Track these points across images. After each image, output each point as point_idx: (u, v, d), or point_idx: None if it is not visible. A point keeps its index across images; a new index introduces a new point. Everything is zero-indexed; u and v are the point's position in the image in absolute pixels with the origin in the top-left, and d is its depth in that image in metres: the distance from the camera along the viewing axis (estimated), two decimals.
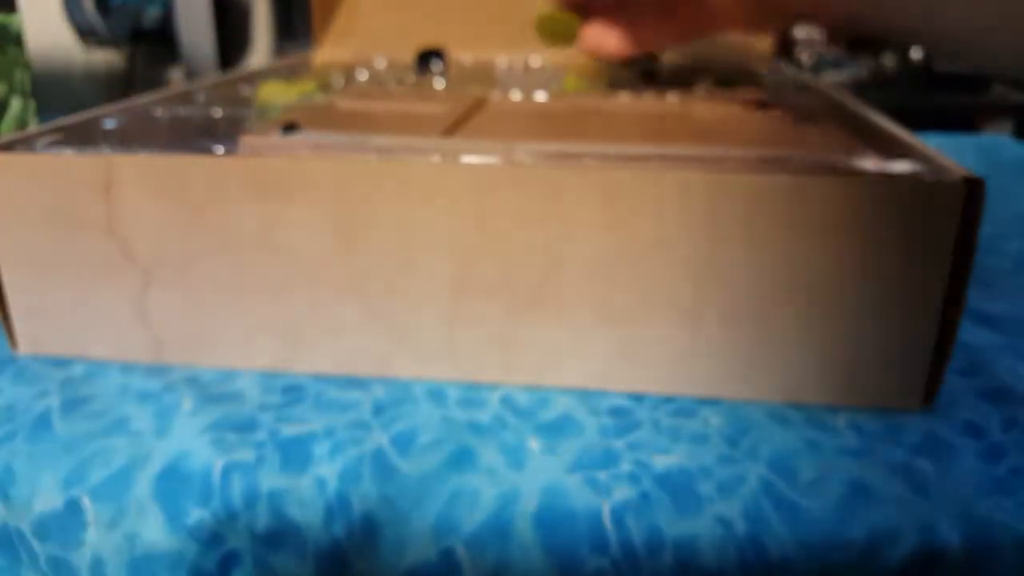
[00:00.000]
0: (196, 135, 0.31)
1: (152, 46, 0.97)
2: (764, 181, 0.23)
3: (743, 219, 0.23)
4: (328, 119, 0.34)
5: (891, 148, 0.27)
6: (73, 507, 0.23)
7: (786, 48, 1.11)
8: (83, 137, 0.30)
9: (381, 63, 0.53)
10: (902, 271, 0.23)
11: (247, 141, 0.28)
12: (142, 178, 0.25)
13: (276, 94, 0.40)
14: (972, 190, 0.22)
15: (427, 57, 0.54)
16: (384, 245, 0.25)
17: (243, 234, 0.25)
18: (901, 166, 0.24)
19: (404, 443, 0.23)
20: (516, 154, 0.26)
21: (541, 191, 0.24)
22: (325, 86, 0.44)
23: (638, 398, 0.26)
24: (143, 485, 0.23)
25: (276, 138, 0.28)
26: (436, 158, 0.25)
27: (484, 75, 0.50)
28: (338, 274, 0.25)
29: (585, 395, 0.26)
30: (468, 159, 0.25)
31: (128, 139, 0.31)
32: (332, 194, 0.24)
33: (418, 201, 0.24)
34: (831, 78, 1.10)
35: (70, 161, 0.26)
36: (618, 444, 0.23)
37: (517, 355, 0.26)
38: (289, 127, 0.29)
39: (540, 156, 0.25)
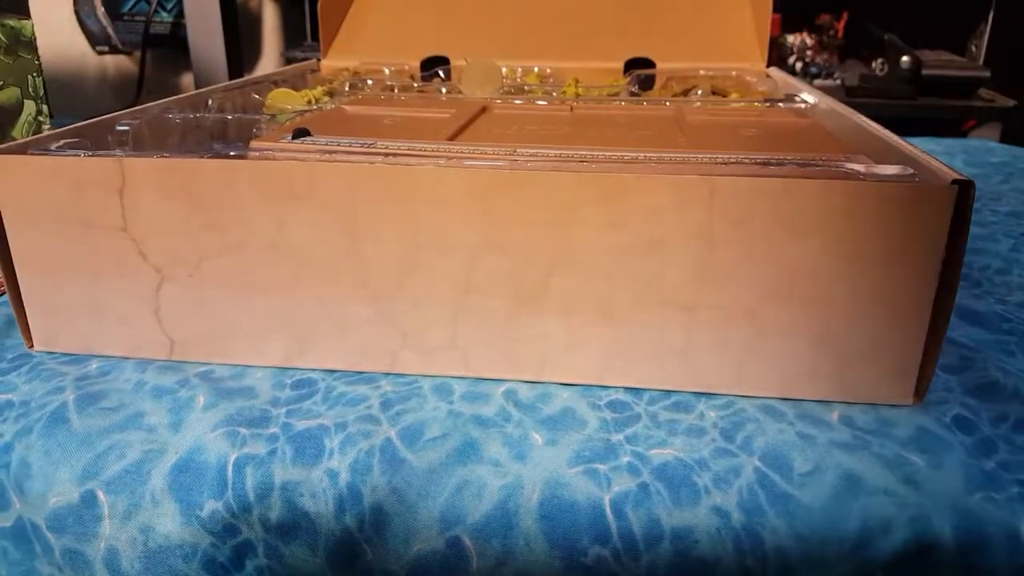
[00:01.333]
0: (208, 139, 0.32)
1: (163, 52, 0.98)
2: (759, 184, 0.23)
3: (739, 220, 0.24)
4: (337, 124, 0.34)
5: (882, 152, 0.28)
6: (88, 500, 0.23)
7: (778, 55, 1.12)
8: (97, 140, 0.31)
9: (386, 71, 0.54)
10: (894, 270, 0.24)
11: (258, 146, 0.28)
12: (155, 180, 0.26)
13: (285, 100, 0.41)
14: (962, 192, 0.23)
15: (431, 65, 0.54)
16: (391, 245, 0.26)
17: (254, 235, 0.26)
18: (892, 169, 0.24)
19: (412, 436, 0.24)
20: (519, 157, 0.26)
21: (543, 193, 0.24)
22: (332, 92, 0.45)
23: (637, 393, 0.26)
24: (158, 478, 0.23)
25: (286, 143, 0.29)
26: (441, 161, 0.26)
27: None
28: (347, 273, 0.26)
29: (585, 390, 0.26)
30: (472, 162, 0.25)
31: (141, 142, 0.32)
32: (341, 196, 0.25)
33: (424, 203, 0.25)
34: (823, 84, 1.11)
35: (84, 163, 0.26)
36: (618, 437, 0.24)
37: (520, 351, 0.26)
38: (299, 132, 0.30)
39: (542, 159, 0.26)
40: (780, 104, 0.40)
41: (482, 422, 0.25)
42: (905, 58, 1.03)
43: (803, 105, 0.39)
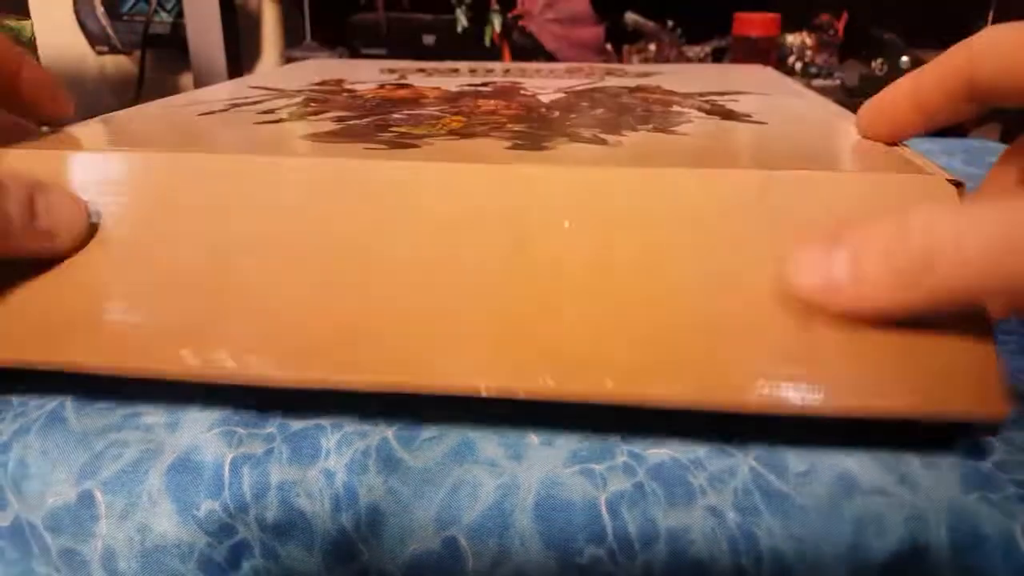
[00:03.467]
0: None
1: (162, 52, 0.98)
2: (736, 177, 0.22)
3: (718, 215, 0.23)
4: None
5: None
6: (85, 500, 0.23)
7: (777, 55, 1.12)
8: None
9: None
10: None
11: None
12: (130, 176, 0.26)
13: None
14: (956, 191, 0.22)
15: None
16: (355, 244, 0.25)
17: (225, 233, 0.26)
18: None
19: (408, 436, 0.24)
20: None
21: (509, 187, 0.23)
22: None
23: None
24: (155, 478, 0.23)
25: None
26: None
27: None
28: (310, 273, 0.25)
29: None
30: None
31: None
32: (302, 193, 0.24)
33: (387, 198, 0.24)
34: (822, 85, 1.11)
35: (61, 158, 0.26)
36: (613, 437, 0.24)
37: (469, 361, 0.25)
38: None
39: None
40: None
41: (478, 422, 0.25)
42: (905, 58, 1.04)
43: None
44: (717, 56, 1.23)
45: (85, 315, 0.25)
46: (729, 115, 0.35)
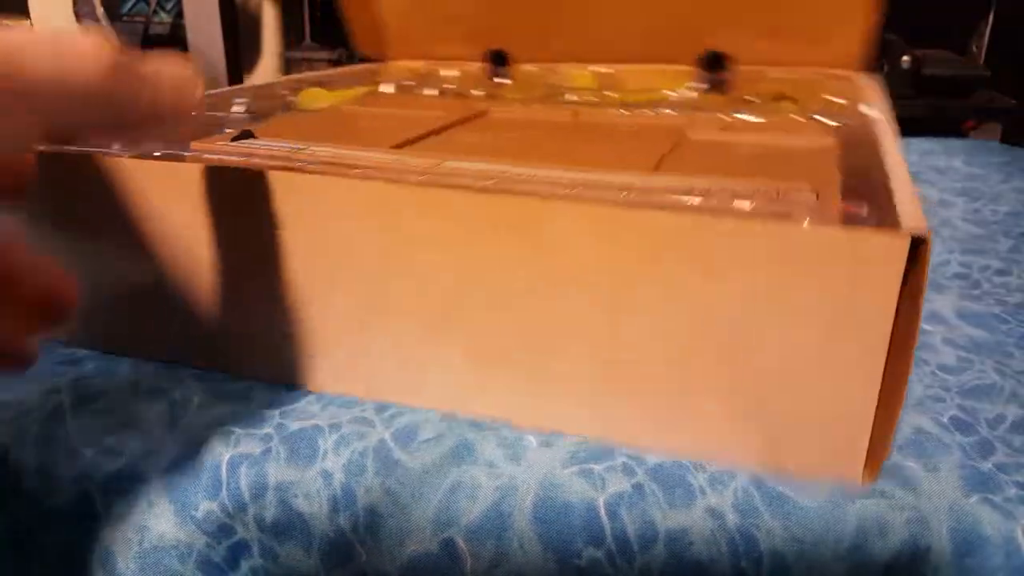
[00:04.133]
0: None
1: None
2: (670, 219, 0.21)
3: (653, 256, 0.21)
4: (306, 127, 0.34)
5: (859, 187, 0.24)
6: (84, 501, 0.23)
7: None
8: None
9: (442, 72, 0.53)
10: (833, 329, 0.20)
11: (198, 147, 0.28)
12: (87, 176, 0.26)
13: (314, 100, 0.42)
14: (914, 247, 0.19)
15: (495, 58, 0.53)
16: (295, 259, 0.25)
17: (172, 236, 0.26)
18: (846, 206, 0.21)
19: (406, 437, 0.24)
20: (432, 172, 0.25)
21: (452, 216, 0.22)
22: (372, 93, 0.45)
23: None
24: (153, 478, 0.23)
25: (222, 144, 0.28)
26: (357, 172, 0.24)
27: (538, 83, 0.48)
28: (252, 284, 0.26)
29: None
30: (382, 175, 0.24)
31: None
32: (247, 203, 0.24)
33: (327, 216, 0.24)
34: None
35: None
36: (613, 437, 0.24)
37: (425, 379, 0.25)
38: (243, 134, 0.30)
39: (457, 175, 0.24)
40: (821, 118, 0.36)
41: (477, 424, 0.25)
42: (905, 58, 1.03)
43: (835, 124, 0.36)
44: None
45: None
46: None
